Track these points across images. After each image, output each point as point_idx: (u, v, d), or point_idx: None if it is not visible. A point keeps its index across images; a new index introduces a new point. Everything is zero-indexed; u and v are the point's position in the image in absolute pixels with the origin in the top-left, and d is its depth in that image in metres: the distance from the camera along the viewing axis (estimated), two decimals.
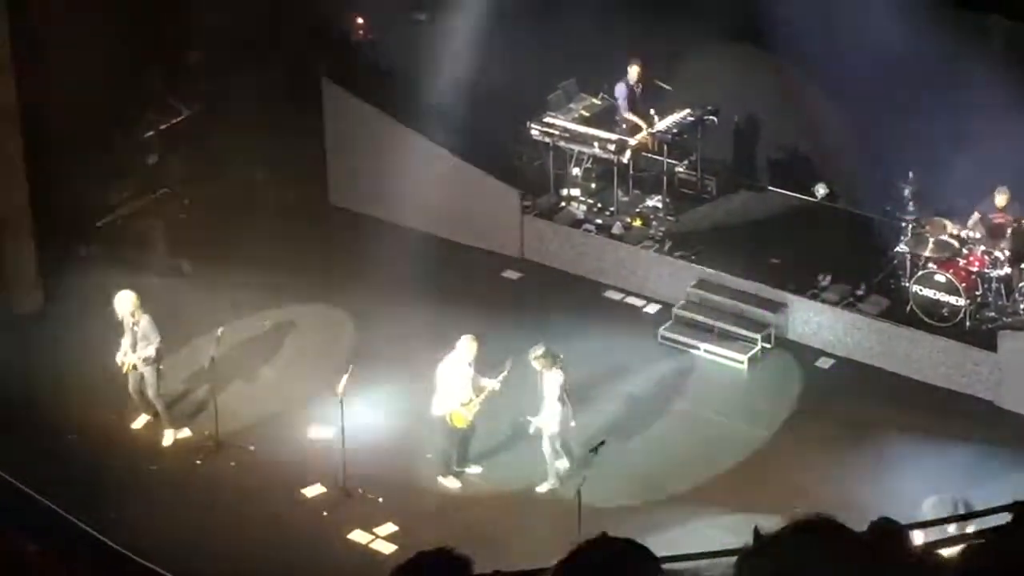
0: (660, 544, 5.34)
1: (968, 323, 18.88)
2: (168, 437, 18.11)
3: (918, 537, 12.90)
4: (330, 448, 17.66)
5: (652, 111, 21.44)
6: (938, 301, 18.94)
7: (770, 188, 22.02)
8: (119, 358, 17.75)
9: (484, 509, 17.17)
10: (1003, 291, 19.02)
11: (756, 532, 4.73)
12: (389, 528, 16.86)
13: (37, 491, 16.71)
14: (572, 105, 22.01)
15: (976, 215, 19.23)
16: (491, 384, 17.09)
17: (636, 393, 18.93)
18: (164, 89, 22.65)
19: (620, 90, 21.55)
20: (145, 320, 17.61)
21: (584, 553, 4.66)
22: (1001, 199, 19.12)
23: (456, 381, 17.09)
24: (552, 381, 16.95)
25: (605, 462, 16.77)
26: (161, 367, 17.93)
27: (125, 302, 17.64)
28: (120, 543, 16.21)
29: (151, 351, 17.65)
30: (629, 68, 21.47)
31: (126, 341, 17.71)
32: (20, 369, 19.09)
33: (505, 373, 17.07)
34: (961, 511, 15.55)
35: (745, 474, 17.60)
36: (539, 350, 17.01)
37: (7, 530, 15.44)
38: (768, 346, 19.64)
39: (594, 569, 4.66)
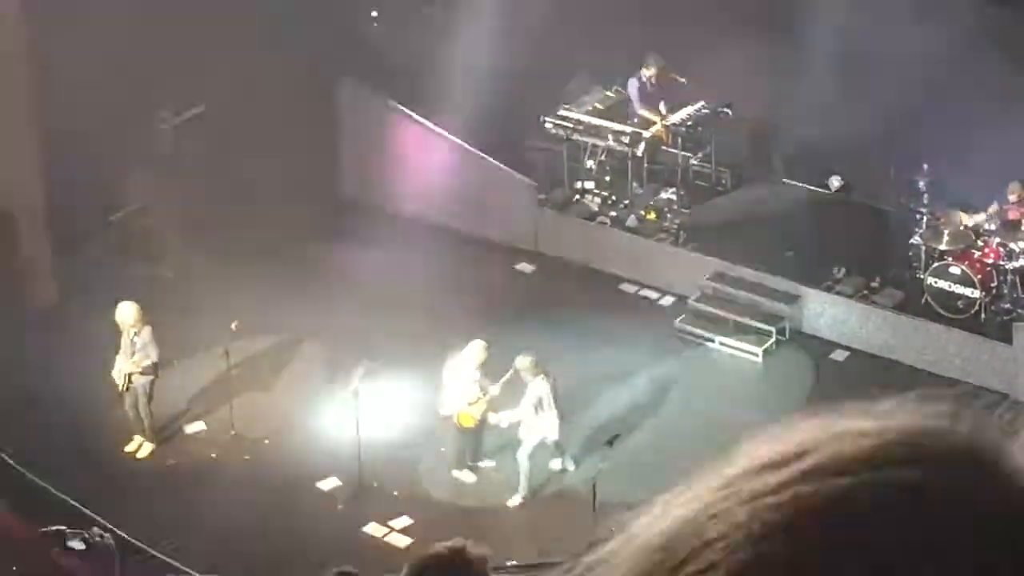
0: None
1: (983, 315, 18.85)
2: (146, 449, 18.02)
3: None
4: (345, 441, 17.67)
5: (661, 105, 21.38)
6: (953, 293, 18.90)
7: (785, 181, 21.98)
8: (115, 374, 17.60)
9: (499, 503, 17.17)
10: (1018, 283, 18.97)
11: None
12: (404, 521, 16.88)
13: (51, 485, 16.75)
14: (586, 98, 22.00)
15: (992, 207, 19.20)
16: (493, 389, 17.05)
17: (651, 386, 18.91)
18: (179, 83, 22.66)
19: (632, 86, 21.52)
20: (146, 332, 17.43)
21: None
22: (1014, 194, 19.09)
23: (463, 381, 17.07)
24: (534, 389, 16.83)
25: (620, 455, 16.76)
26: (154, 387, 17.80)
27: (128, 312, 17.51)
28: (135, 536, 16.24)
29: (148, 364, 17.55)
30: (644, 66, 21.39)
31: (121, 357, 17.55)
32: (35, 363, 19.11)
33: (509, 374, 17.02)
34: None
35: None
36: (528, 360, 16.84)
37: (26, 523, 15.48)
38: (783, 338, 19.63)
39: None
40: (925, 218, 19.44)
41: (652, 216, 21.33)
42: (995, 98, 19.09)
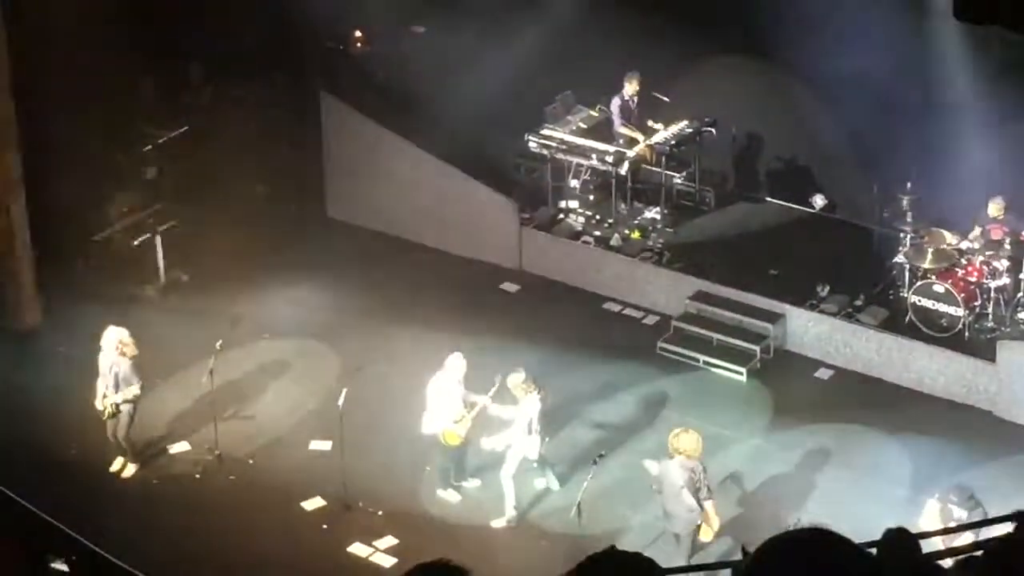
0: (661, 556, 5.35)
1: (967, 333, 18.89)
2: (130, 470, 17.94)
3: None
4: (330, 461, 17.65)
5: (649, 122, 21.48)
6: (937, 311, 18.94)
7: (768, 199, 22.04)
8: (99, 403, 17.46)
9: (484, 522, 17.15)
10: (1002, 301, 19.03)
11: (744, 550, 4.71)
12: (389, 541, 16.84)
13: (35, 506, 16.68)
14: (570, 117, 22.06)
15: (975, 226, 19.26)
16: (482, 400, 17.03)
17: (635, 405, 18.91)
18: (162, 103, 22.69)
19: (614, 104, 21.58)
20: (127, 363, 17.36)
21: (591, 566, 4.65)
22: (995, 209, 19.15)
23: (446, 399, 17.04)
24: (527, 407, 16.76)
25: (605, 474, 16.75)
26: (135, 414, 17.68)
27: (116, 338, 17.31)
28: (119, 556, 16.17)
29: (130, 394, 17.41)
30: (625, 83, 21.48)
31: (102, 383, 17.39)
32: (19, 385, 19.07)
33: (495, 388, 17.00)
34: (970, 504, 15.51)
35: (745, 485, 17.58)
36: (520, 377, 16.81)
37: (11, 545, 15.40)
38: (767, 357, 19.65)
39: None
40: (908, 236, 19.49)
41: (636, 235, 21.36)
42: (979, 116, 19.16)
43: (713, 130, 21.61)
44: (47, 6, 20.57)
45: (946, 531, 14.31)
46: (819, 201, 21.54)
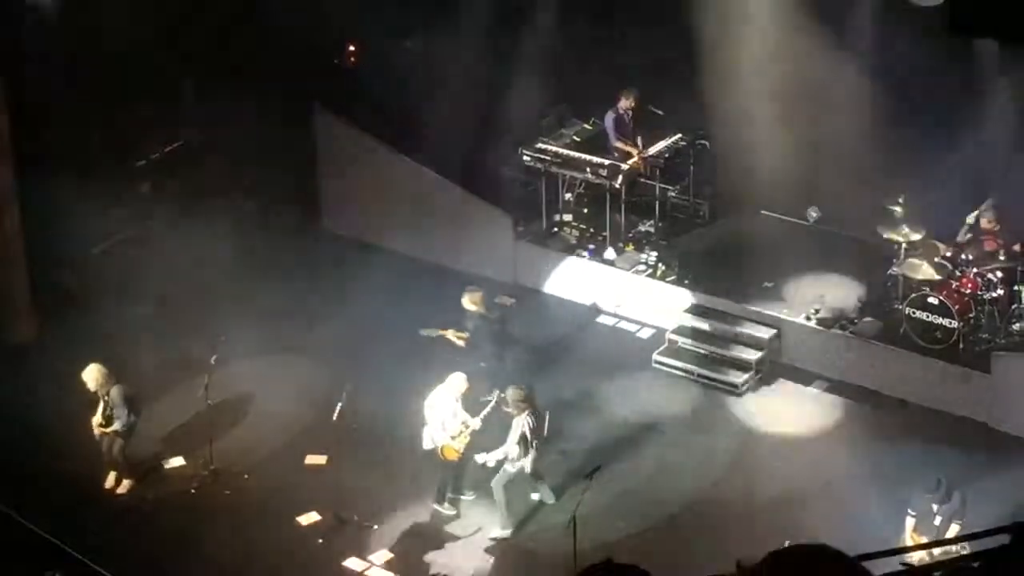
0: (656, 570, 5.34)
1: (961, 345, 18.91)
2: (125, 485, 17.97)
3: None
4: (325, 475, 17.64)
5: (639, 140, 21.49)
6: (931, 323, 18.96)
7: (763, 212, 22.05)
8: (96, 430, 17.62)
9: (480, 536, 17.13)
10: (996, 313, 19.05)
11: (738, 565, 4.71)
12: (384, 555, 16.83)
13: (30, 522, 16.68)
14: (564, 130, 22.08)
15: (968, 237, 19.29)
16: (474, 422, 17.01)
17: (630, 418, 18.91)
18: (157, 117, 22.71)
19: (608, 118, 21.60)
20: (115, 391, 17.42)
21: None
22: (987, 221, 19.17)
23: (444, 415, 17.04)
24: (519, 423, 16.72)
25: (600, 487, 16.74)
26: (130, 436, 17.76)
27: (92, 376, 17.48)
28: (114, 571, 16.17)
29: (120, 425, 17.51)
30: (621, 98, 21.49)
31: (100, 410, 17.57)
32: (15, 399, 19.05)
33: (490, 407, 16.99)
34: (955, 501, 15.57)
35: (740, 498, 17.59)
36: (520, 392, 16.79)
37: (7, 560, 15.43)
38: (762, 369, 19.65)
39: None
40: (902, 248, 19.51)
41: (630, 248, 21.37)
42: (972, 129, 19.20)
43: (707, 142, 21.62)
44: (42, 20, 20.60)
45: (942, 542, 14.34)
46: (813, 214, 21.56)
